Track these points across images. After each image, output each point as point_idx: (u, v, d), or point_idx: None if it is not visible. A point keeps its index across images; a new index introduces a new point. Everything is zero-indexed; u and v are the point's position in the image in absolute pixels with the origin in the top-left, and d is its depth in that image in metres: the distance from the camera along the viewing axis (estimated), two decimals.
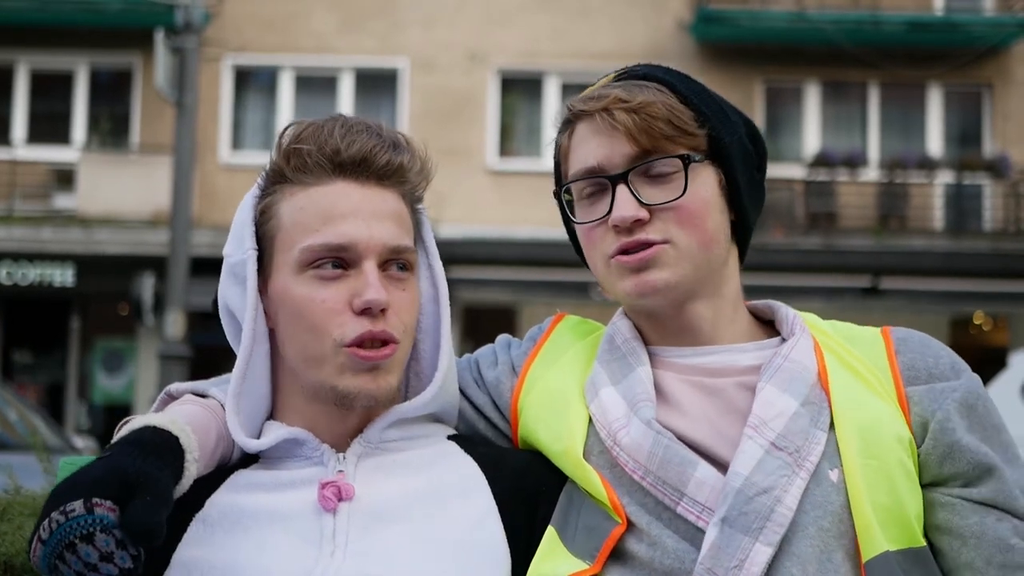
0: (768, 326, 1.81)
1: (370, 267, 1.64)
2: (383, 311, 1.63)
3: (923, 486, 1.62)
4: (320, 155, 1.66)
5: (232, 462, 1.72)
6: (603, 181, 1.71)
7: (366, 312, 1.62)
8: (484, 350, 1.92)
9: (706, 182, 1.71)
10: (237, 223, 1.74)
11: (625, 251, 1.68)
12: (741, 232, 1.79)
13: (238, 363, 1.69)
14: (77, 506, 1.42)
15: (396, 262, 1.67)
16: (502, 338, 1.95)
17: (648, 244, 1.67)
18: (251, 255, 1.70)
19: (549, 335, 1.89)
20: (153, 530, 1.45)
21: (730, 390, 1.68)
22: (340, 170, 1.67)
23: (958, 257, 17.45)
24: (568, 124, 1.80)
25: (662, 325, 1.75)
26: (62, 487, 1.47)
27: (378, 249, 1.64)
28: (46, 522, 1.43)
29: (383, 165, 1.68)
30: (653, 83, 1.73)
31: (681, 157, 1.68)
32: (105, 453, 1.54)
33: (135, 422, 1.60)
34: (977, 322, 19.44)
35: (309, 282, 1.65)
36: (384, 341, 1.64)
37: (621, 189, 1.68)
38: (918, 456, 1.62)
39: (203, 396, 1.77)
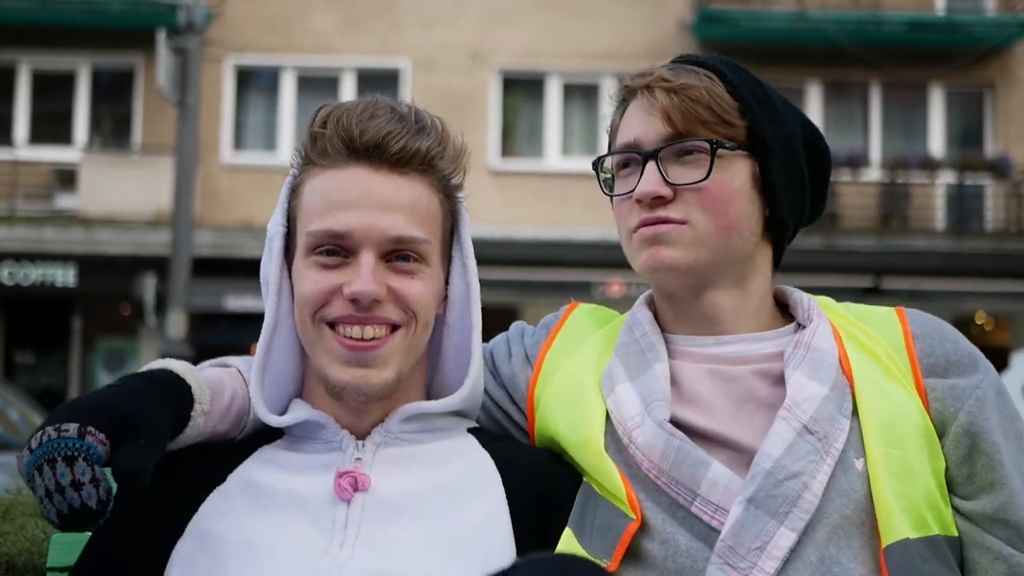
0: (784, 310, 1.82)
1: (367, 257, 1.63)
2: (377, 302, 1.63)
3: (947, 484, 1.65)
4: (338, 139, 1.66)
5: (248, 432, 1.73)
6: (637, 156, 1.73)
7: (355, 302, 1.62)
8: (498, 341, 1.92)
9: (737, 172, 1.72)
10: (279, 198, 1.76)
11: (646, 224, 1.71)
12: (776, 231, 1.79)
13: (262, 335, 1.71)
14: (72, 428, 1.45)
15: (401, 252, 1.66)
16: (516, 327, 1.96)
17: (666, 221, 1.69)
18: (279, 231, 1.72)
19: (563, 323, 1.90)
20: (140, 472, 1.46)
21: (748, 378, 1.69)
22: (355, 155, 1.66)
23: (960, 257, 17.45)
24: (623, 102, 1.81)
25: (682, 311, 1.77)
26: (65, 406, 1.50)
27: (377, 240, 1.64)
28: (40, 433, 1.45)
29: (397, 151, 1.66)
30: (705, 69, 1.75)
31: (709, 142, 1.70)
32: (117, 383, 1.57)
33: (154, 363, 1.63)
34: (979, 322, 19.43)
35: (312, 266, 1.66)
36: (386, 323, 1.64)
37: (650, 166, 1.70)
38: (941, 448, 1.65)
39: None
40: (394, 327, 1.65)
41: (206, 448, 1.68)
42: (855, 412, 1.63)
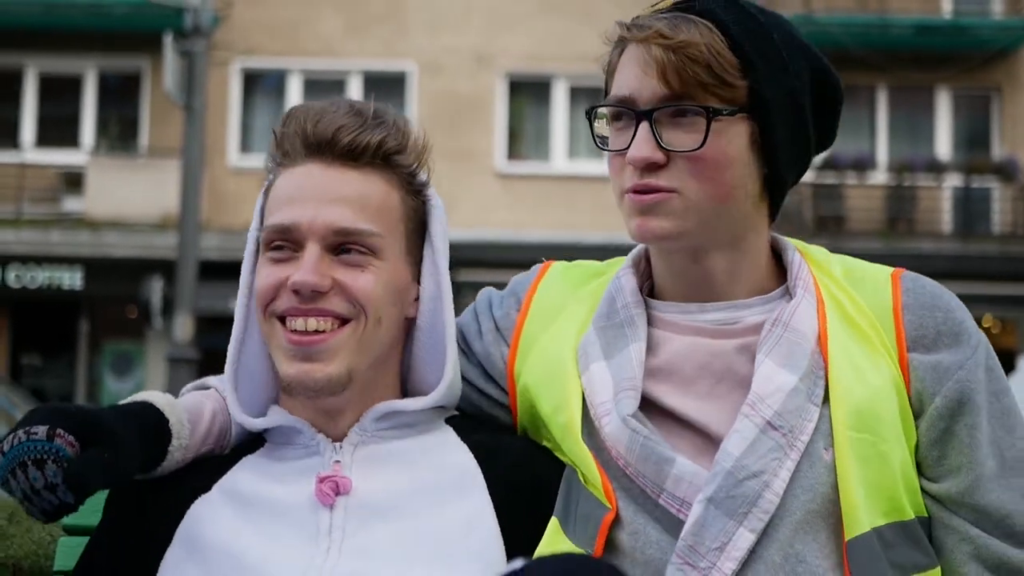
0: (780, 264, 1.75)
1: (311, 249, 1.63)
2: (320, 294, 1.62)
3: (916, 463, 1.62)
4: (295, 137, 1.68)
5: (234, 444, 1.74)
6: (630, 113, 1.65)
7: (298, 293, 1.62)
8: (466, 318, 1.87)
9: (735, 137, 1.62)
10: (257, 203, 1.77)
11: (636, 191, 1.64)
12: (775, 187, 1.71)
13: (232, 339, 1.72)
14: (41, 430, 1.46)
15: (348, 245, 1.65)
16: (482, 296, 1.90)
17: (656, 189, 1.62)
18: (253, 235, 1.74)
19: (536, 289, 1.84)
20: (87, 487, 1.48)
21: (730, 354, 1.64)
22: (310, 151, 1.67)
23: (966, 260, 17.42)
24: (622, 41, 1.71)
25: (678, 271, 1.70)
26: (38, 409, 1.51)
27: (320, 231, 1.63)
28: (11, 436, 1.46)
29: (346, 144, 1.66)
30: (706, 20, 1.63)
31: (706, 109, 1.60)
32: (97, 408, 1.58)
33: (137, 395, 1.65)
34: (986, 325, 19.38)
35: (266, 262, 1.68)
36: (331, 316, 1.64)
37: (643, 127, 1.62)
38: (915, 427, 1.61)
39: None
40: (343, 321, 1.64)
41: (191, 461, 1.69)
42: (827, 399, 1.58)
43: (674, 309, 1.71)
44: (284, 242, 1.65)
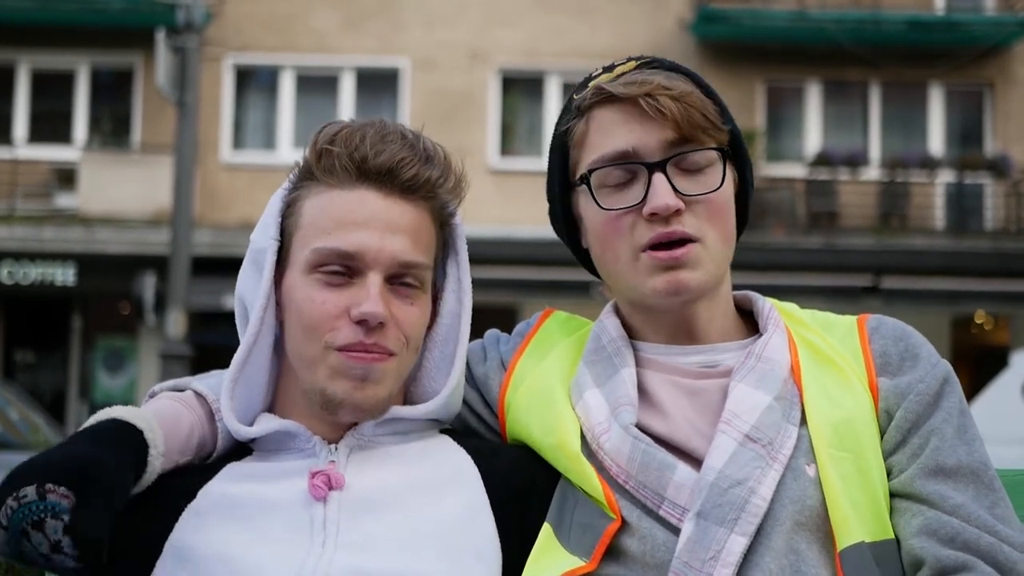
0: (749, 317, 1.80)
1: (374, 279, 1.63)
2: (381, 325, 1.62)
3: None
4: (348, 159, 1.66)
5: (220, 453, 1.72)
6: (637, 167, 1.66)
7: (362, 323, 1.62)
8: (473, 346, 1.89)
9: (730, 179, 1.70)
10: (266, 212, 1.74)
11: (658, 244, 1.65)
12: (737, 234, 1.78)
13: (241, 348, 1.69)
14: (30, 491, 1.42)
15: (404, 277, 1.66)
16: (491, 334, 1.93)
17: (683, 239, 1.64)
18: (272, 245, 1.70)
19: (537, 330, 1.88)
20: (99, 542, 1.44)
21: (713, 392, 1.67)
22: (365, 177, 1.66)
23: (959, 256, 17.45)
24: (586, 109, 1.74)
25: (660, 323, 1.74)
26: (18, 470, 1.46)
27: (386, 262, 1.64)
28: (3, 508, 1.43)
29: (408, 179, 1.67)
30: (680, 75, 1.71)
31: (719, 149, 1.67)
32: (67, 440, 1.54)
33: (99, 415, 1.60)
34: (978, 321, 19.43)
35: (314, 284, 1.65)
36: (385, 352, 1.64)
37: (659, 177, 1.64)
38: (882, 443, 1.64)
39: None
40: (389, 354, 1.66)
41: (172, 469, 1.66)
42: (804, 422, 1.61)
43: (657, 351, 1.74)
44: (341, 267, 1.64)
